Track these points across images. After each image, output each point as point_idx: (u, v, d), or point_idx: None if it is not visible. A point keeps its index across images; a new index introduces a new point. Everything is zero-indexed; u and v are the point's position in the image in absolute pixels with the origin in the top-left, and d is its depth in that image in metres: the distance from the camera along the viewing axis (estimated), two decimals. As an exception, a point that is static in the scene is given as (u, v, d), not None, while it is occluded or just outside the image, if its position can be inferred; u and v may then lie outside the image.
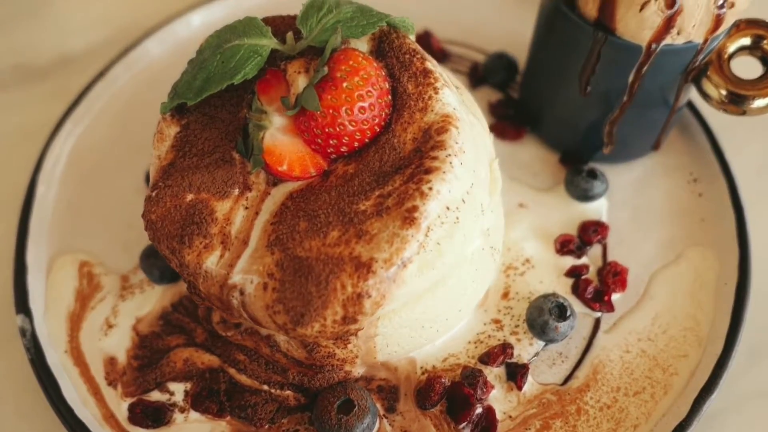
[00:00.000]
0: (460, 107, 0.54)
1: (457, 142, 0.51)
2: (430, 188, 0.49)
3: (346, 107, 0.50)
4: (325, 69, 0.50)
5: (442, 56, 0.84)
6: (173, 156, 0.53)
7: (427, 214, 0.49)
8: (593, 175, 0.70)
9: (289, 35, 0.53)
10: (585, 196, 0.70)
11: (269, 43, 0.52)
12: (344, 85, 0.50)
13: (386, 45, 0.55)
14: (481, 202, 0.55)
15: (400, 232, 0.48)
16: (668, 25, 0.58)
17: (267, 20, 0.57)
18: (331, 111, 0.50)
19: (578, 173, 0.70)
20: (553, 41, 0.67)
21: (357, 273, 0.47)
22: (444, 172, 0.50)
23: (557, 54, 0.68)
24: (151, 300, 0.65)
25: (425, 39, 0.84)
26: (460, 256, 0.54)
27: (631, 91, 0.64)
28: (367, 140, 0.52)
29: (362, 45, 0.55)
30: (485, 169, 0.56)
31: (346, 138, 0.51)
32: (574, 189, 0.70)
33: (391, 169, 0.51)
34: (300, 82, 0.52)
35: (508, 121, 0.77)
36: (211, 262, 0.50)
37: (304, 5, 0.54)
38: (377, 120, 0.52)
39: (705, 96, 0.65)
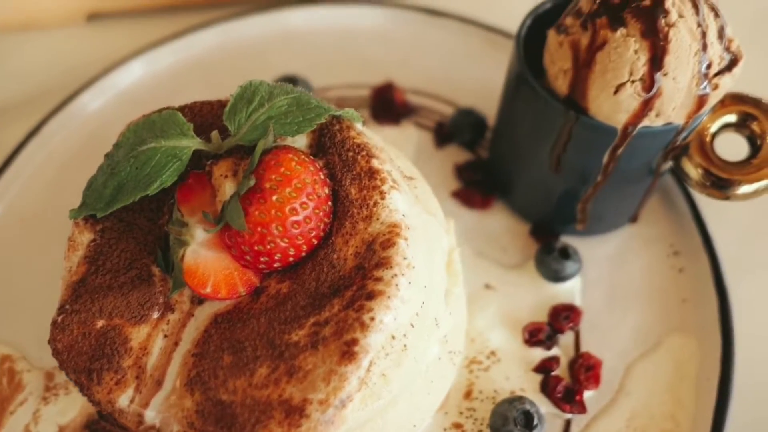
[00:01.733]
0: (411, 209, 0.48)
1: (405, 258, 0.45)
2: (372, 318, 0.43)
3: (277, 224, 0.44)
4: (252, 179, 0.44)
5: (405, 111, 0.77)
6: (84, 270, 0.47)
7: (369, 347, 0.43)
8: (565, 254, 0.64)
9: (215, 134, 0.46)
10: (556, 277, 0.64)
11: (190, 144, 0.46)
12: (274, 198, 0.43)
13: (327, 139, 0.49)
14: (435, 315, 0.49)
15: (338, 369, 0.42)
16: (646, 108, 0.52)
17: (193, 109, 0.50)
18: (259, 228, 0.43)
19: (549, 252, 0.64)
20: (521, 111, 0.61)
21: (288, 420, 0.41)
22: (389, 298, 0.43)
23: (525, 125, 0.61)
24: (76, 404, 0.58)
25: (387, 92, 0.77)
26: (411, 376, 0.48)
27: (605, 171, 0.58)
28: (303, 254, 0.46)
29: (300, 139, 0.49)
30: (441, 274, 0.51)
31: (278, 255, 0.45)
32: (545, 270, 0.64)
33: (329, 291, 0.45)
34: (227, 188, 0.45)
35: (476, 188, 0.71)
36: (124, 400, 0.44)
37: (232, 97, 0.47)
38: (314, 233, 0.45)
39: (684, 177, 0.59)
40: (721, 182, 0.56)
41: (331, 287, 0.45)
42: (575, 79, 0.54)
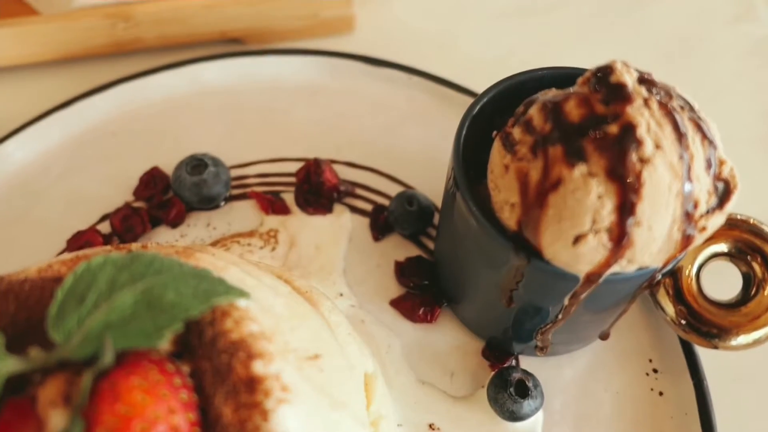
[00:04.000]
0: (314, 424, 0.37)
1: (298, 504, 0.34)
2: None
3: (116, 485, 0.32)
4: (79, 424, 0.32)
5: (336, 194, 0.65)
6: None
7: None
8: (523, 392, 0.53)
9: (34, 351, 0.34)
10: (514, 418, 0.54)
11: (2, 368, 0.34)
12: (108, 450, 0.32)
13: (194, 336, 0.37)
14: None
15: None
16: (613, 258, 0.40)
17: (18, 296, 0.38)
18: (91, 494, 0.32)
19: (503, 389, 0.53)
20: (463, 231, 0.49)
21: None
22: None
23: (470, 249, 0.50)
24: None
25: (315, 173, 0.65)
26: None
27: (566, 311, 0.47)
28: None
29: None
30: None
31: None
32: (499, 409, 0.54)
33: None
34: (56, 421, 0.34)
35: (419, 296, 0.60)
36: None
37: (59, 292, 0.35)
38: (172, 482, 0.34)
39: (662, 311, 0.48)
40: (706, 327, 0.45)
41: None
42: (524, 219, 0.42)
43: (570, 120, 0.40)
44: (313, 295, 0.48)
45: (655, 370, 0.58)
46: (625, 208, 0.38)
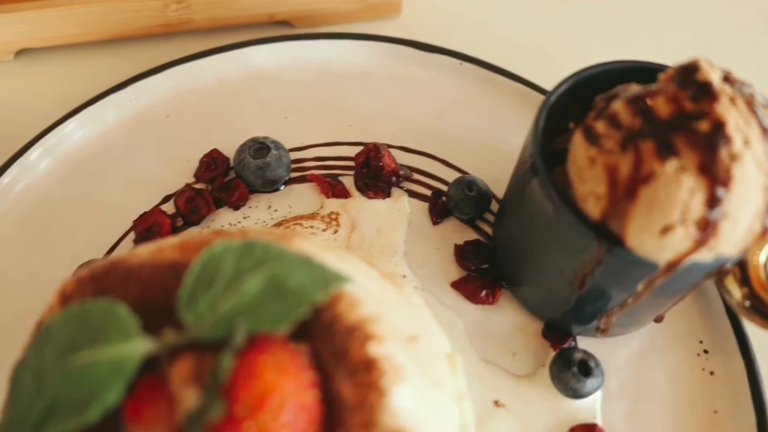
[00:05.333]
0: (419, 400, 0.39)
1: (414, 476, 0.37)
2: None
3: (252, 456, 0.34)
4: (218, 404, 0.34)
5: (395, 179, 0.67)
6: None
7: None
8: (586, 370, 0.56)
9: (168, 332, 0.36)
10: (575, 395, 0.57)
11: (137, 349, 0.35)
12: (247, 425, 0.34)
13: (312, 320, 0.39)
14: None
15: None
16: (696, 248, 0.43)
17: (139, 280, 0.40)
18: (231, 465, 0.34)
19: (566, 367, 0.56)
20: (539, 218, 0.51)
21: None
22: None
23: (544, 236, 0.52)
24: None
25: (374, 158, 0.66)
26: None
27: (638, 296, 0.50)
28: (286, 478, 0.37)
29: (278, 321, 0.39)
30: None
31: (258, 483, 0.36)
32: (563, 387, 0.56)
33: None
34: (189, 398, 0.36)
35: (480, 278, 0.62)
36: None
37: (188, 277, 0.37)
38: (300, 451, 0.36)
39: (726, 293, 0.50)
40: (770, 311, 0.48)
41: None
42: (611, 210, 0.44)
43: (659, 116, 0.42)
44: (395, 279, 0.50)
45: (705, 351, 0.61)
46: (715, 201, 0.40)
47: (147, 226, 0.63)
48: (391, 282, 0.49)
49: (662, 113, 0.42)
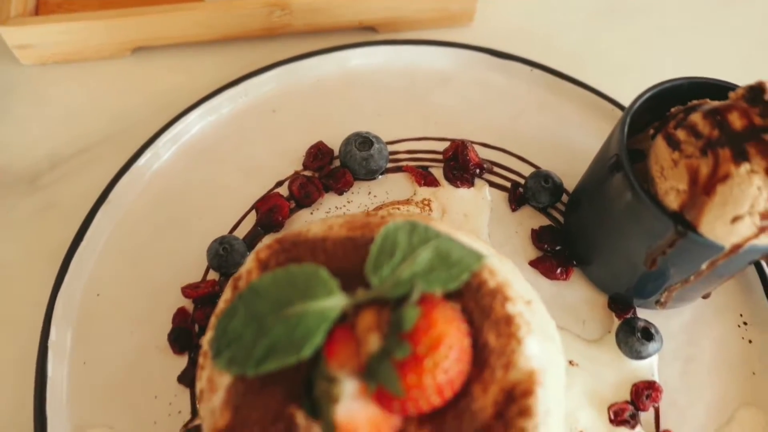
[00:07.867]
0: (543, 351, 0.50)
1: (544, 405, 0.47)
2: (519, 472, 0.45)
3: (430, 384, 0.45)
4: (407, 346, 0.44)
5: (478, 171, 0.77)
6: (229, 419, 0.48)
7: (516, 501, 0.45)
8: (648, 336, 0.67)
9: (361, 291, 0.47)
10: (639, 357, 0.67)
11: (338, 303, 0.46)
12: (427, 363, 0.45)
13: (463, 285, 0.49)
14: (561, 444, 0.52)
15: None
16: (760, 233, 0.53)
17: (327, 251, 0.50)
18: (414, 391, 0.45)
19: (632, 333, 0.67)
20: (617, 205, 0.62)
21: None
22: (533, 450, 0.46)
23: (620, 220, 0.62)
24: (192, 497, 0.61)
25: (462, 151, 0.77)
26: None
27: (700, 273, 0.60)
28: (445, 404, 0.48)
29: (436, 284, 0.49)
30: (563, 404, 0.53)
31: (426, 406, 0.47)
32: (628, 350, 0.67)
33: (473, 441, 0.47)
34: (372, 342, 0.46)
35: (554, 258, 0.73)
36: None
37: (373, 248, 0.47)
38: (458, 384, 0.47)
39: (775, 273, 0.61)
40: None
41: (475, 437, 0.47)
42: (690, 202, 0.54)
43: (734, 128, 0.52)
44: (502, 256, 0.61)
45: (745, 323, 0.71)
46: (777, 196, 0.51)
47: (269, 207, 0.73)
48: (502, 257, 0.59)
49: (736, 126, 0.52)
